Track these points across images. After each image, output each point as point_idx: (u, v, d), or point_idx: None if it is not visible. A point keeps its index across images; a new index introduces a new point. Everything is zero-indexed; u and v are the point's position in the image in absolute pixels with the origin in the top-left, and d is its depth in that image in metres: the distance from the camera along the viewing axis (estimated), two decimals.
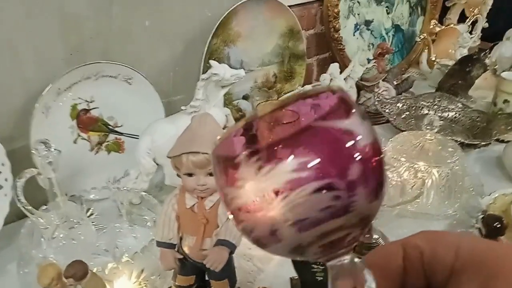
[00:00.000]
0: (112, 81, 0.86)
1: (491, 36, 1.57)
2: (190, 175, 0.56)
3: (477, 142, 1.01)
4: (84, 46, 0.83)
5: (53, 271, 0.48)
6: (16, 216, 0.77)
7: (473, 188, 0.89)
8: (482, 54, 1.18)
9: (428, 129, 0.84)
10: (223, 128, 0.89)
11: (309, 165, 0.26)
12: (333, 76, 1.02)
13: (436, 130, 0.84)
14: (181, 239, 0.59)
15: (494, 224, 0.66)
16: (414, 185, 0.74)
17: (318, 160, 0.26)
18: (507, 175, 0.95)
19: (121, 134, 0.91)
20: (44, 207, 0.71)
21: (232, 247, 0.56)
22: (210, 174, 0.56)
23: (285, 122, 0.29)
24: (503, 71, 1.28)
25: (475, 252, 0.25)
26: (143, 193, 0.79)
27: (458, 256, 0.25)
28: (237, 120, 1.06)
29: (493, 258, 0.24)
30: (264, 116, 0.29)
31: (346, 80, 1.06)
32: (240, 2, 0.99)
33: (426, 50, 1.43)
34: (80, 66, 0.80)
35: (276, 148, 0.28)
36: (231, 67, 0.87)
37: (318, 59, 1.35)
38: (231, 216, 0.28)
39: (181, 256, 0.59)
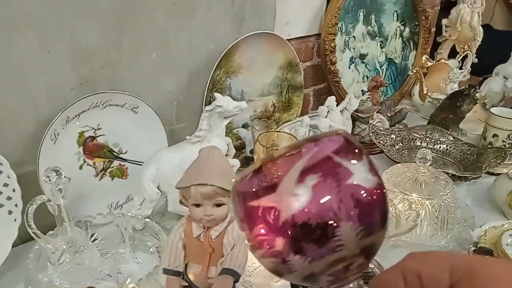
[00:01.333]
0: (119, 109, 0.89)
1: (480, 71, 1.64)
2: (197, 205, 0.59)
3: (468, 175, 1.05)
4: (94, 75, 0.87)
5: None
6: (20, 239, 0.79)
7: (464, 220, 0.93)
8: (472, 90, 1.24)
9: (421, 162, 0.88)
10: (226, 155, 0.92)
11: (319, 202, 0.30)
12: (330, 108, 1.06)
13: (429, 164, 0.88)
14: (186, 266, 0.61)
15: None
16: (408, 217, 0.77)
17: (328, 197, 0.30)
18: (497, 208, 0.99)
19: (125, 160, 0.94)
20: (51, 232, 0.73)
21: (236, 276, 0.58)
22: (217, 205, 0.59)
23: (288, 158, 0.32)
24: (492, 105, 1.34)
25: (467, 266, 0.27)
26: (146, 219, 0.81)
27: (452, 273, 0.27)
28: (237, 148, 1.10)
29: (484, 269, 0.27)
30: (276, 158, 0.33)
31: (342, 112, 1.10)
32: (243, 36, 1.04)
33: (418, 84, 1.49)
34: (89, 96, 0.83)
35: (286, 185, 0.32)
36: (232, 97, 0.91)
37: (314, 90, 1.40)
38: (248, 244, 0.32)
39: (187, 284, 0.61)
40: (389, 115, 1.30)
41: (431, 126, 1.25)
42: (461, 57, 1.55)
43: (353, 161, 0.31)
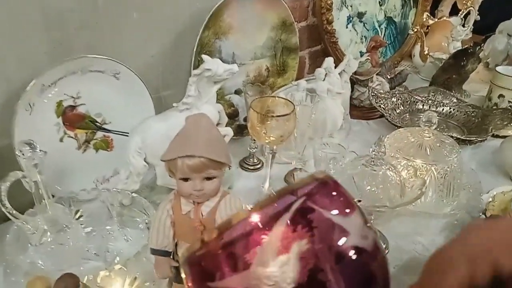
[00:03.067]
0: (99, 76, 0.82)
1: (482, 29, 1.56)
2: (185, 179, 0.53)
3: (473, 138, 1.00)
4: (69, 39, 0.79)
5: (42, 285, 0.45)
6: None
7: (471, 186, 0.88)
8: (477, 48, 1.17)
9: (426, 126, 0.82)
10: (216, 125, 0.86)
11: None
12: (328, 71, 0.99)
13: (434, 127, 0.83)
14: (176, 245, 0.57)
15: None
16: (413, 185, 0.72)
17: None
18: (504, 172, 0.95)
19: (110, 131, 0.88)
20: (30, 210, 0.68)
21: None
22: (207, 179, 0.53)
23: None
24: (496, 64, 1.27)
25: None
26: (134, 194, 0.76)
27: None
28: (229, 116, 1.03)
29: None
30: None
31: (340, 75, 1.03)
32: None
33: (419, 43, 1.42)
34: (65, 61, 0.75)
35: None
36: (222, 61, 0.84)
37: (310, 52, 1.32)
38: None
39: (177, 264, 0.56)
40: (389, 77, 1.24)
41: (433, 87, 1.19)
42: (463, 14, 1.47)
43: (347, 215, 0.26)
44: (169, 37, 0.94)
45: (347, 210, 0.26)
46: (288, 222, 0.25)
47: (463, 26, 1.47)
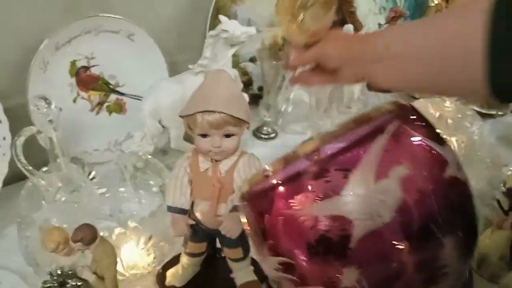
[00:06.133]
0: (114, 37, 0.80)
1: None
2: (204, 136, 0.52)
3: (494, 112, 0.97)
4: None
5: (59, 235, 0.45)
6: (13, 177, 0.73)
7: (490, 159, 0.86)
8: None
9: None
10: None
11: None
12: None
13: (456, 98, 0.80)
14: (193, 204, 0.56)
15: None
16: None
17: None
18: None
19: (123, 94, 0.86)
20: (45, 168, 0.67)
21: None
22: (226, 136, 0.52)
23: None
24: None
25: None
26: (148, 157, 0.75)
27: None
28: (243, 84, 1.01)
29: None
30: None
31: None
32: None
33: None
34: (79, 19, 0.74)
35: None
36: None
37: None
38: None
39: (194, 222, 0.55)
40: None
41: None
42: None
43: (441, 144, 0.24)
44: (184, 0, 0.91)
45: (440, 140, 0.25)
46: (384, 144, 0.24)
47: None
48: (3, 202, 0.70)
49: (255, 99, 1.08)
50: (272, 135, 1.00)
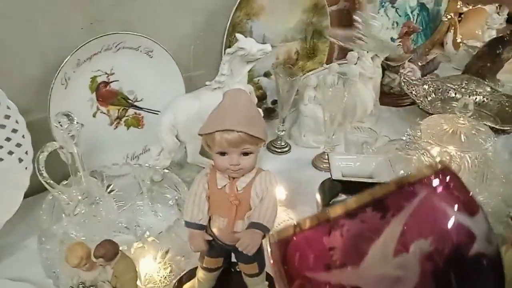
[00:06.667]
0: (133, 53, 0.82)
1: None
2: (223, 154, 0.53)
3: (508, 128, 0.97)
4: (104, 15, 0.79)
5: (82, 250, 0.46)
6: (33, 189, 0.75)
7: (504, 176, 0.86)
8: None
9: (462, 112, 0.80)
10: None
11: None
12: (361, 55, 0.98)
13: (469, 114, 0.81)
14: (210, 220, 0.57)
15: None
16: None
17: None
18: None
19: (141, 108, 0.88)
20: (65, 182, 0.69)
21: (265, 231, 0.53)
22: (244, 154, 0.53)
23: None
24: None
25: None
26: (165, 171, 0.76)
27: None
28: (258, 98, 1.03)
29: None
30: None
31: (373, 59, 1.01)
32: None
33: (451, 31, 1.38)
34: (100, 36, 0.76)
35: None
36: None
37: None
38: None
39: (211, 238, 0.56)
40: (420, 64, 1.21)
41: (466, 76, 1.16)
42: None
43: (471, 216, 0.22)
44: (201, 16, 0.94)
45: (472, 210, 0.23)
46: (407, 218, 0.22)
47: (498, 14, 1.42)
48: (23, 213, 0.72)
49: (269, 113, 1.10)
50: (286, 148, 1.01)
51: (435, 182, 0.22)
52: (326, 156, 0.96)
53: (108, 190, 0.77)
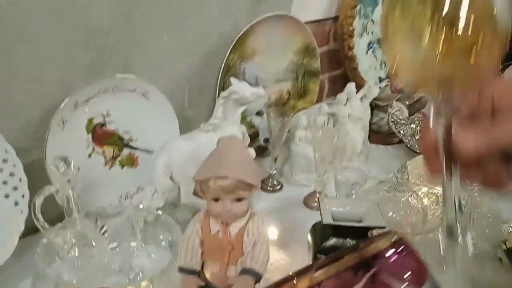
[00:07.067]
0: (129, 95, 0.84)
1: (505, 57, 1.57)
2: (216, 199, 0.55)
3: None
4: (103, 60, 0.82)
5: None
6: (27, 230, 0.75)
7: (491, 215, 0.88)
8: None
9: None
10: None
11: None
12: (350, 96, 1.01)
13: None
14: (203, 265, 0.58)
15: None
16: (435, 213, 0.73)
17: None
18: None
19: (136, 148, 0.90)
20: (60, 224, 0.69)
21: (257, 276, 0.54)
22: (237, 200, 0.55)
23: None
24: None
25: None
26: (159, 212, 0.77)
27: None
28: (250, 136, 1.05)
29: None
30: None
31: (361, 100, 1.05)
32: (258, 19, 0.98)
33: None
34: (98, 80, 0.78)
35: None
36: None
37: (330, 76, 1.34)
38: None
39: (204, 284, 0.57)
40: (407, 103, 1.25)
41: None
42: None
43: None
44: (197, 59, 0.97)
45: (421, 279, 0.24)
46: None
47: None
48: (17, 255, 0.72)
49: (261, 151, 1.12)
50: (278, 187, 1.03)
51: (389, 253, 0.24)
52: (317, 195, 0.98)
53: (102, 231, 0.77)
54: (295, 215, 0.93)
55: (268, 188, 1.02)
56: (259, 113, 1.11)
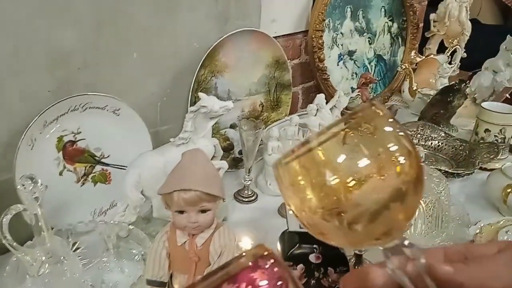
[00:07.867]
0: (100, 112, 0.85)
1: (469, 65, 1.63)
2: (181, 212, 0.56)
3: (461, 171, 1.03)
4: (72, 78, 0.83)
5: None
6: None
7: (459, 218, 0.91)
8: (463, 84, 1.22)
9: None
10: (212, 158, 0.89)
11: None
12: (320, 107, 1.04)
13: (422, 161, 0.86)
14: (171, 277, 0.58)
15: None
16: None
17: None
18: (491, 204, 0.97)
19: (108, 165, 0.90)
20: (29, 242, 0.69)
21: None
22: (202, 211, 0.56)
23: None
24: (483, 100, 1.32)
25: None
26: (131, 226, 0.78)
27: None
28: (225, 149, 1.07)
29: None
30: None
31: (332, 110, 1.07)
32: (227, 35, 1.01)
33: (407, 80, 1.47)
34: (66, 98, 0.79)
35: None
36: (218, 97, 0.88)
37: (303, 88, 1.37)
38: None
39: None
40: None
41: (422, 122, 1.23)
42: (450, 52, 1.53)
43: None
44: (167, 75, 0.98)
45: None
46: None
47: (450, 63, 1.53)
48: None
49: (236, 163, 1.14)
50: (253, 197, 1.04)
51: (254, 269, 0.24)
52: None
53: (74, 248, 0.77)
54: (269, 224, 0.94)
55: (243, 199, 1.03)
56: (233, 126, 1.13)
